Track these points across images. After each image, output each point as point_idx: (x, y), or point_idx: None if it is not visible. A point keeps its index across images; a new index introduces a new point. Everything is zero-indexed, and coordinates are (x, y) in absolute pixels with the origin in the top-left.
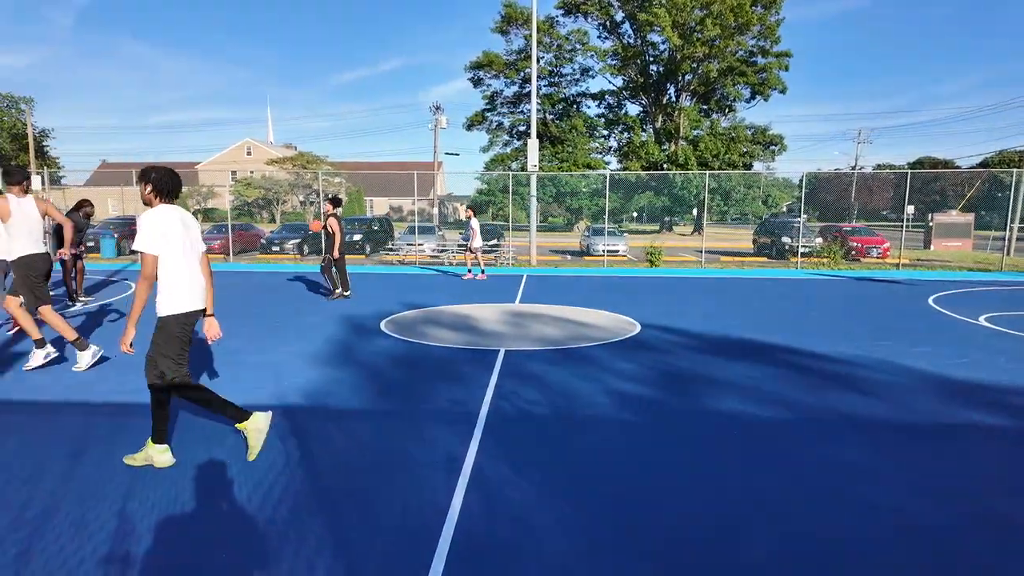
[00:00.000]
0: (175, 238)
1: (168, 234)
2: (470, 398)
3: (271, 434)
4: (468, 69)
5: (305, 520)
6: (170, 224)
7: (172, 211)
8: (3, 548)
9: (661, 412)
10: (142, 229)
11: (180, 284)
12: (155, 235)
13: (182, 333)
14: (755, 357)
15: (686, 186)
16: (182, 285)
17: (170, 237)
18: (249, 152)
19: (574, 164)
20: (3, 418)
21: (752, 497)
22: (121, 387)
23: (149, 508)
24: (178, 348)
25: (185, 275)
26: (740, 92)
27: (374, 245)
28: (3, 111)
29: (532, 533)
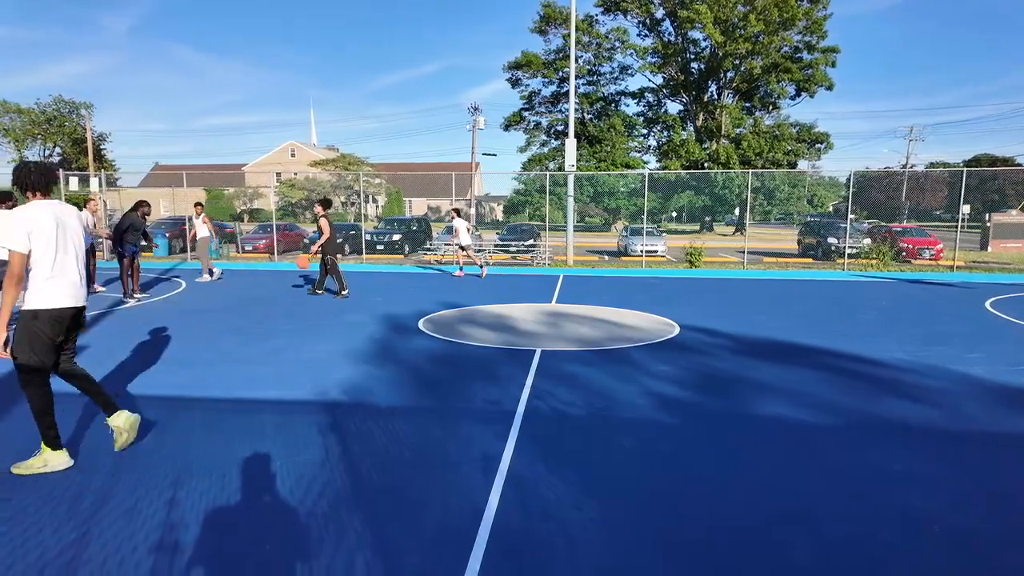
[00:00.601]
0: (44, 235)
1: (36, 231)
2: (506, 397)
3: (313, 429)
4: (506, 69)
5: (345, 515)
6: (38, 221)
7: (44, 207)
8: (61, 533)
9: (700, 415)
10: (10, 227)
11: (50, 280)
12: (21, 233)
13: (50, 330)
14: (799, 360)
15: (728, 185)
16: (53, 282)
17: (38, 234)
18: (293, 154)
19: (612, 163)
20: (58, 411)
21: (793, 503)
22: (173, 381)
23: (197, 498)
24: (41, 344)
25: (57, 272)
26: (784, 89)
27: (412, 245)
28: (65, 117)
29: (568, 533)
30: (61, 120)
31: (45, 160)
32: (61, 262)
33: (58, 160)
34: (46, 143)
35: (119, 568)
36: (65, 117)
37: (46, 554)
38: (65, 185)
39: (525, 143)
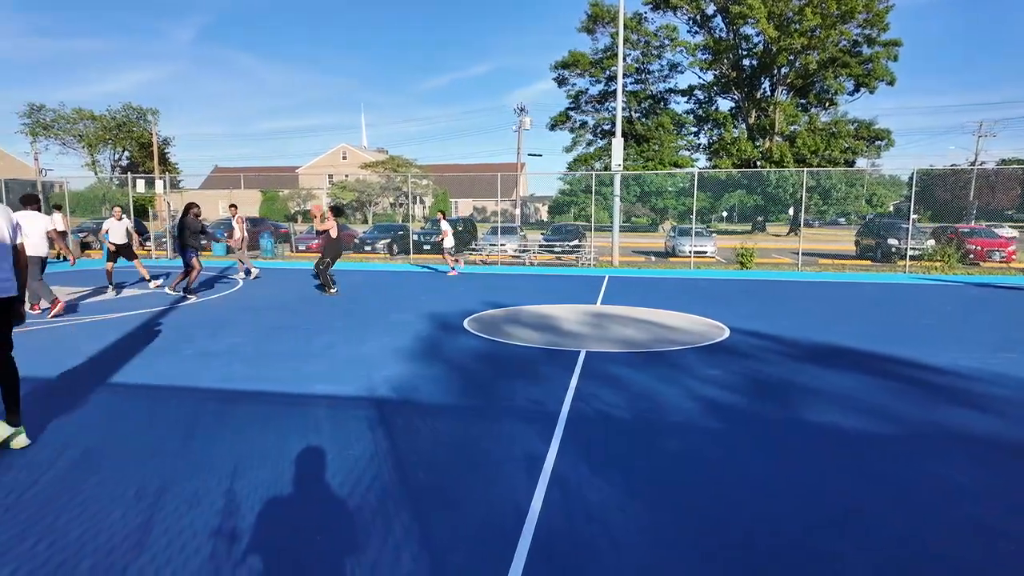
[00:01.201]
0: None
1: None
2: (551, 398)
3: (363, 424)
4: (553, 69)
5: (392, 510)
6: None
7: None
8: (128, 517)
9: (750, 420)
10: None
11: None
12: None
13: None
14: (856, 366)
15: (781, 184)
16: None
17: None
18: (344, 156)
19: (660, 163)
20: (125, 401)
21: (846, 514)
22: (230, 375)
23: (252, 487)
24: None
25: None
26: (842, 85)
27: (458, 245)
28: (133, 122)
29: (612, 536)
30: (130, 126)
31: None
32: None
33: (127, 163)
34: (116, 147)
35: (181, 552)
36: (133, 123)
37: (115, 536)
38: (132, 187)
39: (571, 143)
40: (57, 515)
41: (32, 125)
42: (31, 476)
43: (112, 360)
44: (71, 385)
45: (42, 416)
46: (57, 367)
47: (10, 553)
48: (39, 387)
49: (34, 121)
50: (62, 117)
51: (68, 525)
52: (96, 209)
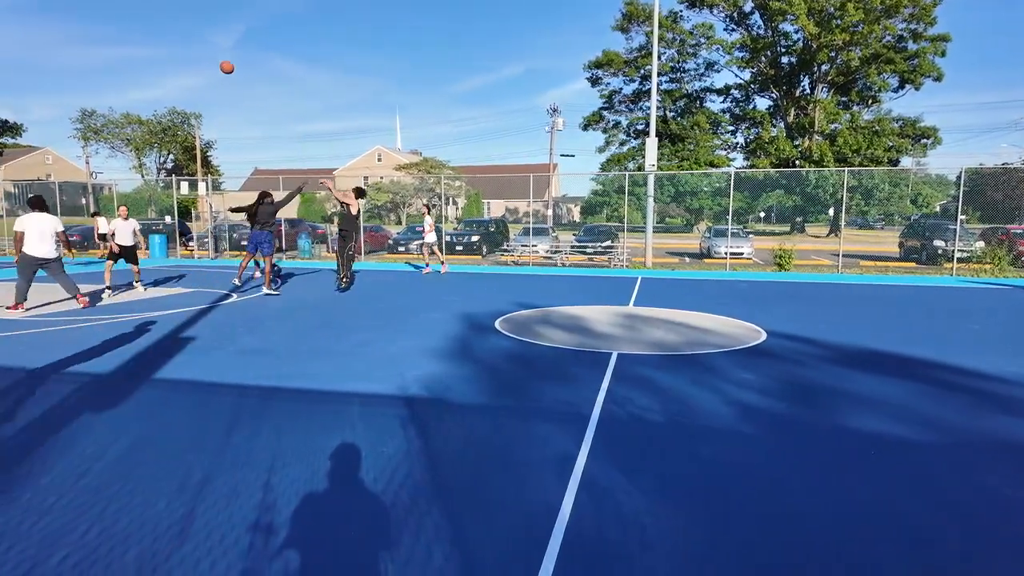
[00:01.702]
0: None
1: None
2: (582, 400)
3: (395, 422)
4: (587, 68)
5: (424, 507)
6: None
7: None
8: (172, 508)
9: (787, 426)
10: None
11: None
12: None
13: None
14: (900, 372)
15: (821, 184)
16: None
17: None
18: (379, 158)
19: (695, 162)
20: (169, 396)
21: (887, 525)
22: (268, 372)
23: (289, 483)
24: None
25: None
26: (886, 82)
27: (490, 246)
28: (178, 126)
29: (643, 541)
30: (175, 130)
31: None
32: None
33: (171, 166)
34: (161, 151)
35: (220, 543)
36: (178, 127)
37: (159, 526)
38: (177, 189)
39: (604, 143)
40: (106, 505)
41: (84, 130)
42: (82, 466)
43: (156, 356)
44: (118, 380)
45: (92, 409)
46: (104, 363)
47: (61, 540)
48: (88, 382)
49: (86, 126)
50: (111, 122)
51: (115, 515)
52: (142, 210)
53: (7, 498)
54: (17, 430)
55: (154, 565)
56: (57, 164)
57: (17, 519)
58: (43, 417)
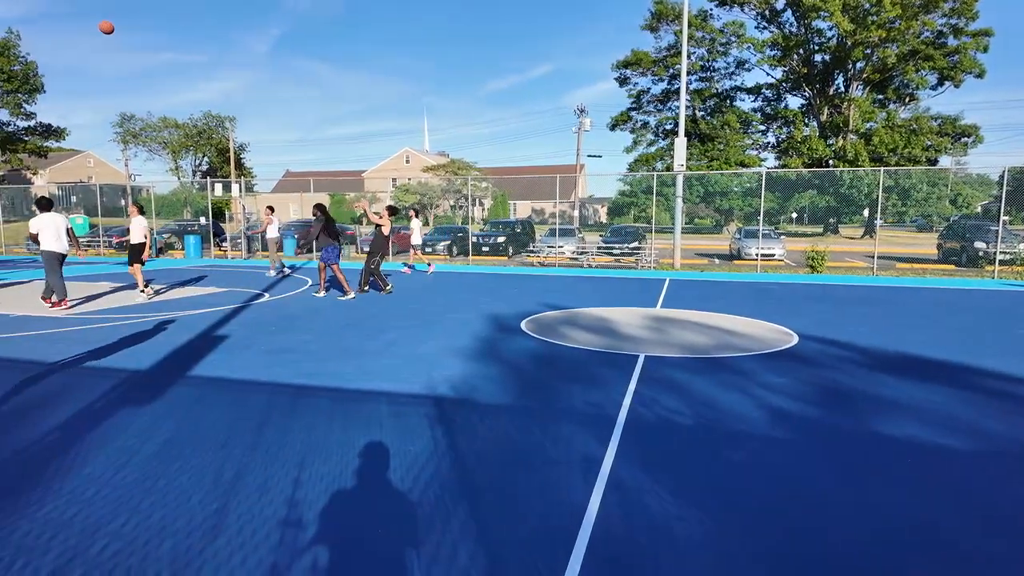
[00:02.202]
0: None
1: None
2: (608, 402)
3: (423, 421)
4: (615, 68)
5: (450, 506)
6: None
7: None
8: (205, 502)
9: (819, 432)
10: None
11: None
12: None
13: None
14: (936, 377)
15: (856, 184)
16: None
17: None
18: (408, 160)
19: (725, 162)
20: (203, 393)
21: (924, 535)
22: (299, 371)
23: (318, 479)
24: None
25: None
26: (924, 79)
27: (516, 247)
28: (212, 129)
29: (670, 544)
30: (209, 133)
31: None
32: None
33: (206, 168)
34: (196, 153)
35: (252, 537)
36: (213, 130)
37: (193, 519)
38: (211, 191)
39: (632, 143)
40: (143, 498)
41: (123, 134)
42: (121, 459)
43: (191, 354)
44: (155, 377)
45: (130, 405)
46: (142, 360)
47: (101, 530)
48: (127, 378)
49: (125, 130)
50: (149, 126)
51: (151, 507)
52: (178, 211)
53: (51, 489)
54: (59, 423)
55: (188, 559)
56: (98, 167)
57: (60, 509)
58: (84, 411)
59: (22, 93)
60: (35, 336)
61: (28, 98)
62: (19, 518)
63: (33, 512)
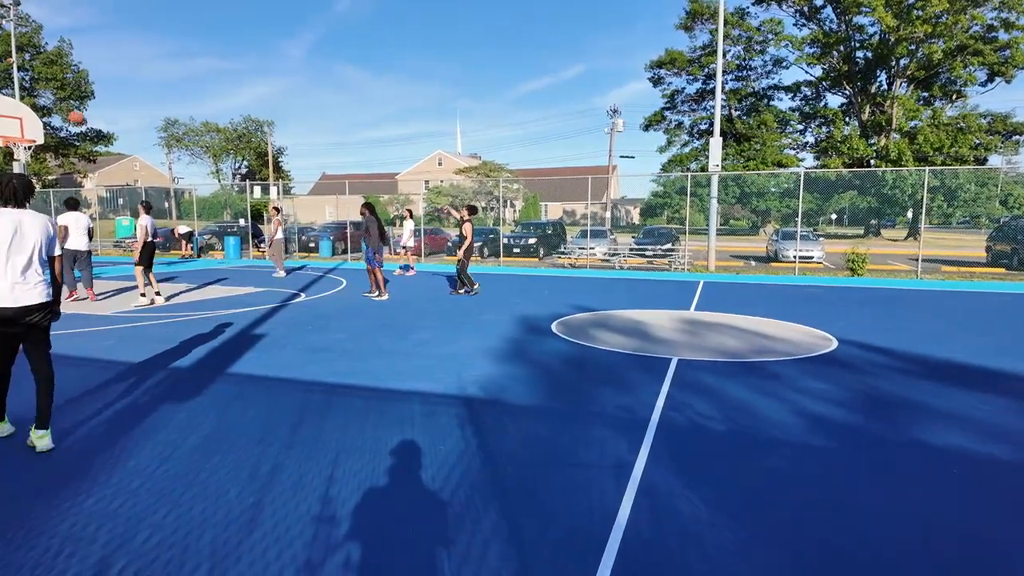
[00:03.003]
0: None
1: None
2: (640, 405)
3: (453, 421)
4: (648, 68)
5: (480, 506)
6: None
7: (4, 214)
8: (243, 496)
9: (859, 439)
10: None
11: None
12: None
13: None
14: (986, 386)
15: (899, 184)
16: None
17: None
18: (440, 163)
19: (762, 162)
20: (241, 390)
21: (972, 550)
22: (334, 369)
23: (351, 476)
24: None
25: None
26: (972, 75)
27: (547, 248)
28: (252, 134)
29: (702, 552)
30: (249, 137)
31: (26, 174)
32: (10, 264)
33: (245, 171)
34: (236, 157)
35: (287, 532)
36: (252, 134)
37: (231, 513)
38: (250, 193)
39: (665, 143)
40: (183, 491)
41: (167, 138)
42: (164, 453)
43: (230, 352)
44: (195, 374)
45: (171, 401)
46: (183, 357)
47: (145, 521)
48: (169, 375)
49: (169, 134)
50: (192, 130)
51: (192, 500)
52: (219, 213)
53: (99, 480)
54: (106, 418)
55: (226, 551)
56: (143, 170)
57: (106, 500)
58: (128, 406)
59: (74, 100)
60: (79, 333)
61: (79, 105)
62: (69, 508)
63: (81, 503)
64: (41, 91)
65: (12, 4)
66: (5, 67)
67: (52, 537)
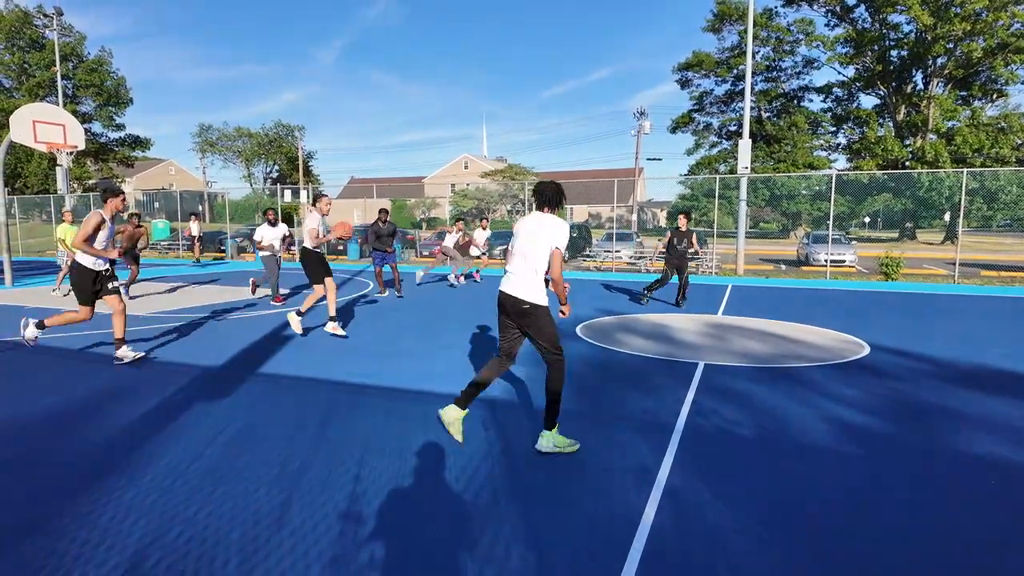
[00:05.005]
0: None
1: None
2: (665, 410)
3: (477, 423)
4: (676, 71)
5: (504, 508)
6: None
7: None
8: (271, 494)
9: (892, 447)
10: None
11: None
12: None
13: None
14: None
15: (936, 187)
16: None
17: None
18: (466, 166)
19: (793, 164)
20: (270, 389)
21: (1007, 560)
22: (360, 370)
23: (376, 476)
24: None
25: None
26: (1014, 73)
27: (572, 251)
28: (283, 139)
29: (726, 557)
30: (280, 141)
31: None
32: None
33: (276, 175)
34: (268, 161)
35: (314, 530)
36: (283, 139)
37: (260, 510)
38: (281, 197)
39: (693, 145)
40: (214, 487)
41: (201, 143)
42: (196, 451)
43: (259, 352)
44: (226, 374)
45: (202, 400)
46: (213, 356)
47: (177, 517)
48: (199, 374)
49: (203, 139)
50: (225, 135)
51: (223, 497)
52: (250, 217)
53: (133, 476)
54: (139, 416)
55: (255, 547)
56: (179, 175)
57: (142, 496)
58: (160, 404)
59: (113, 106)
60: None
61: (118, 111)
62: (106, 503)
63: (118, 497)
64: (83, 98)
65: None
66: (50, 76)
67: (92, 530)
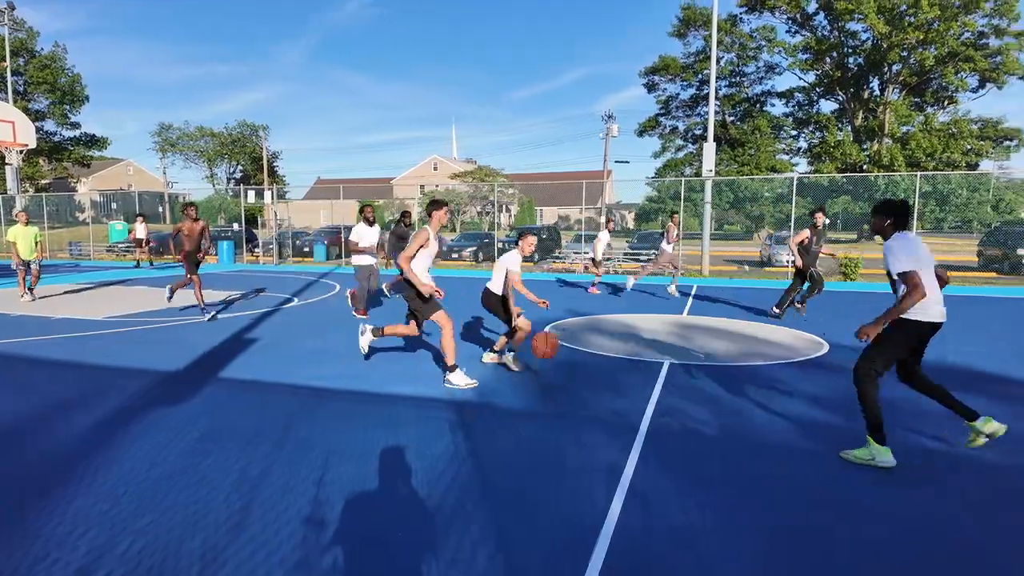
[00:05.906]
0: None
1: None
2: (631, 409)
3: (444, 425)
4: (643, 75)
5: (470, 510)
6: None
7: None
8: (231, 500)
9: (850, 444)
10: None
11: None
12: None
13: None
14: (979, 390)
15: (891, 189)
16: None
17: None
18: (436, 167)
19: (756, 167)
20: (233, 393)
21: (967, 553)
22: (325, 373)
23: (340, 479)
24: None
25: None
26: (964, 81)
27: (542, 253)
28: (247, 138)
29: (693, 555)
30: (243, 141)
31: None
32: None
33: (240, 176)
34: (231, 161)
35: (276, 535)
36: (247, 139)
37: (219, 516)
38: (244, 198)
39: (660, 148)
40: (177, 493)
41: (161, 143)
42: (152, 458)
43: (222, 356)
44: (188, 377)
45: (163, 404)
46: (175, 361)
47: (129, 528)
48: (161, 379)
49: (163, 139)
50: (186, 135)
51: (183, 503)
52: (213, 218)
53: (83, 485)
54: (96, 421)
55: (214, 554)
56: (137, 175)
57: (88, 505)
58: (119, 410)
59: (68, 104)
60: (68, 338)
61: (73, 109)
62: (51, 513)
63: (64, 507)
64: (35, 95)
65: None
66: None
67: (34, 542)
